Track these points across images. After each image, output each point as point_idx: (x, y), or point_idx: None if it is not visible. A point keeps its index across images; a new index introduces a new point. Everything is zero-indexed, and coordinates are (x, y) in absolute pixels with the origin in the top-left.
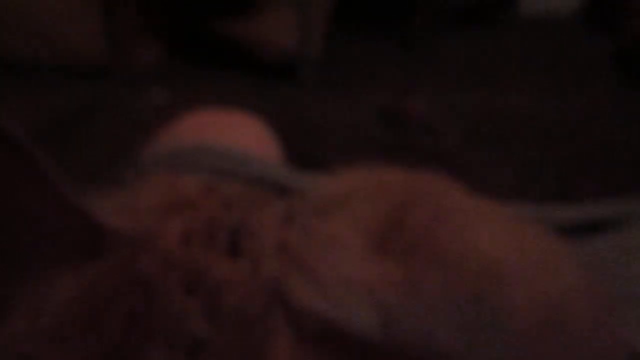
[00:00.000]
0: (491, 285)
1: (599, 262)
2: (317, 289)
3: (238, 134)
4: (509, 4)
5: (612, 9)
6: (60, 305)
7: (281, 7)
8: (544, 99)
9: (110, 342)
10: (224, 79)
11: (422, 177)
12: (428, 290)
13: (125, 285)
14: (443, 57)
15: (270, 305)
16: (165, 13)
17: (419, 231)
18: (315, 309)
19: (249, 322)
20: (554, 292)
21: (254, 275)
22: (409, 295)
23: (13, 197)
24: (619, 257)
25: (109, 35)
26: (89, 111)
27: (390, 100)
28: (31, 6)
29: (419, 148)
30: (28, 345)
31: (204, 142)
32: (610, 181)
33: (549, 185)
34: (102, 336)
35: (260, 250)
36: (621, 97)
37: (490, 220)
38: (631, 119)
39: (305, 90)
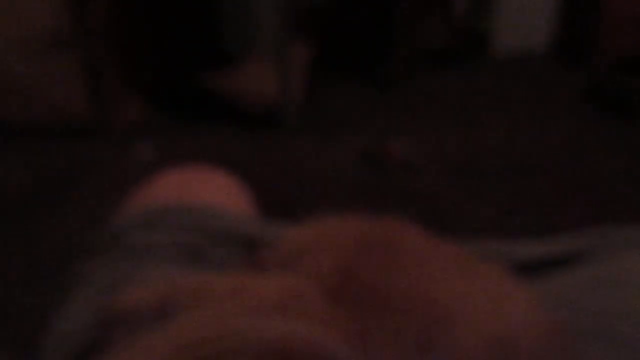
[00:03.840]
0: (439, 330)
1: (563, 296)
2: None
3: (209, 190)
4: (481, 44)
5: (581, 45)
6: None
7: (261, 59)
8: (520, 133)
9: None
10: (208, 131)
11: (382, 224)
12: (380, 339)
13: None
14: (420, 97)
15: None
16: (148, 70)
17: (371, 282)
18: None
19: None
20: (503, 331)
21: None
22: (362, 343)
23: None
24: (583, 291)
25: (93, 94)
26: (75, 170)
27: (371, 142)
28: (14, 67)
29: (400, 188)
30: None
31: (175, 201)
32: (588, 211)
33: (527, 219)
34: None
35: None
36: (595, 128)
37: (443, 266)
38: (605, 149)
39: (288, 136)
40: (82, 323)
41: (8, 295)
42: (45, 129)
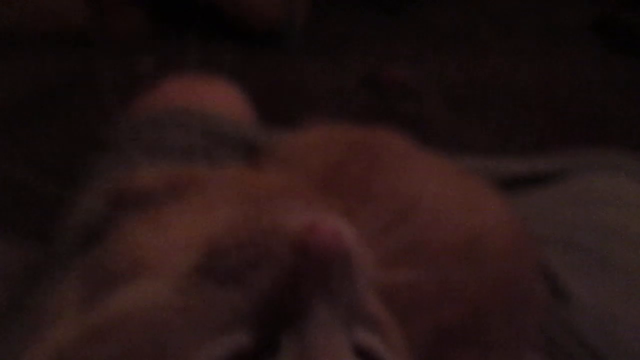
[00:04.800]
0: (410, 216)
1: (535, 208)
2: None
3: (211, 97)
4: None
5: None
6: None
7: None
8: (524, 64)
9: None
10: (209, 46)
11: (372, 131)
12: (361, 219)
13: None
14: (426, 23)
15: None
16: None
17: (356, 177)
18: None
19: None
20: (472, 225)
21: None
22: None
23: None
24: (551, 205)
25: (92, 3)
26: (74, 79)
27: (373, 66)
28: None
29: (401, 113)
30: None
31: (180, 107)
32: (586, 143)
33: (524, 148)
34: None
35: None
36: (603, 62)
37: (422, 168)
38: (612, 84)
39: (290, 57)
40: (92, 208)
41: (18, 191)
42: (44, 37)
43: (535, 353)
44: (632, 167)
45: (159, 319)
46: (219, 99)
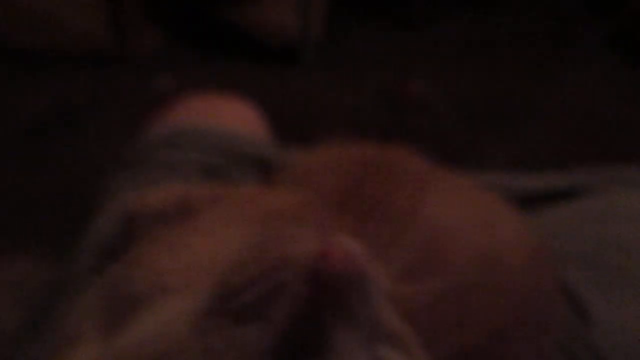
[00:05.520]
0: (429, 237)
1: (557, 224)
2: None
3: (228, 115)
4: None
5: None
6: None
7: None
8: (541, 77)
9: None
10: (226, 63)
11: (387, 150)
12: (380, 240)
13: None
14: (442, 38)
15: None
16: (168, 0)
17: (373, 198)
18: None
19: None
20: (491, 247)
21: None
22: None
23: None
24: (574, 221)
25: (113, 22)
26: (95, 98)
27: (390, 81)
28: None
29: (417, 128)
30: None
31: (196, 125)
32: (605, 158)
33: (540, 163)
34: None
35: None
36: (619, 76)
37: (439, 186)
38: (628, 99)
39: (307, 72)
40: (107, 228)
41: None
42: (66, 57)
43: None
44: None
45: None
46: (235, 116)
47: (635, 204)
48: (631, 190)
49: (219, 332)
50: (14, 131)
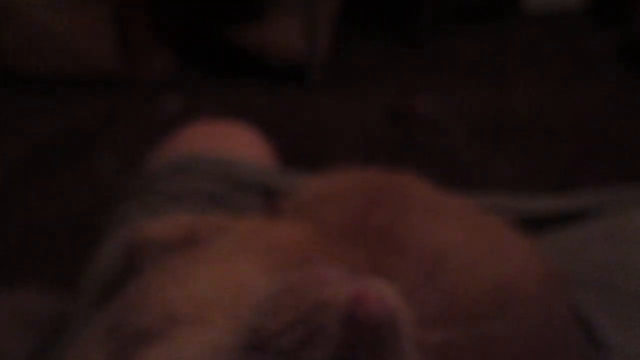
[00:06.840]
0: (439, 269)
1: (568, 248)
2: None
3: (233, 142)
4: (514, 0)
5: (617, 3)
6: None
7: (288, 13)
8: (550, 93)
9: None
10: (234, 84)
11: (394, 177)
12: (387, 272)
13: None
14: (449, 54)
15: None
16: (176, 23)
17: (380, 227)
18: None
19: None
20: (500, 276)
21: None
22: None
23: None
24: (587, 244)
25: (123, 46)
26: (103, 121)
27: (397, 99)
28: (43, 19)
29: (424, 145)
30: None
31: (200, 153)
32: (615, 175)
33: (551, 180)
34: None
35: None
36: (629, 89)
37: (446, 214)
38: (637, 111)
39: (314, 91)
40: (112, 257)
41: (44, 236)
42: (76, 81)
43: None
44: None
45: None
46: (239, 142)
47: None
48: None
49: None
50: (24, 154)
